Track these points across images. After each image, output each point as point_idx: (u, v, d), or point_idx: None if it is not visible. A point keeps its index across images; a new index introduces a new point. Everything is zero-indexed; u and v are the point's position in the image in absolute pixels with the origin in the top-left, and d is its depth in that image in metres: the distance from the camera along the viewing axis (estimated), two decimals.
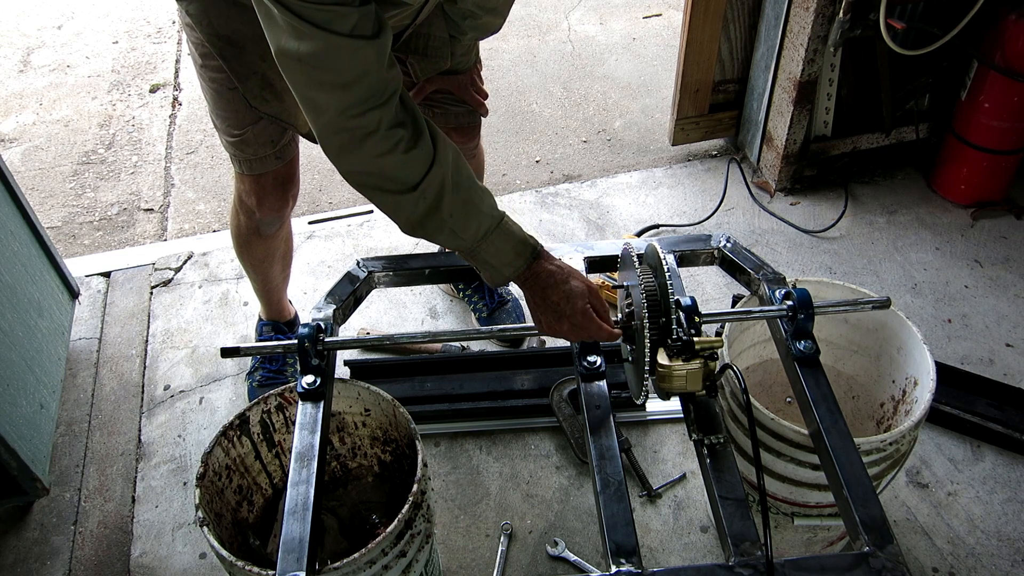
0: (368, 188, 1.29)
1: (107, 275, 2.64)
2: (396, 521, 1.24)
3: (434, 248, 2.66)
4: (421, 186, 1.26)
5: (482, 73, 1.95)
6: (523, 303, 2.45)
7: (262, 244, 1.98)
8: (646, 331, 1.24)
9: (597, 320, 1.37)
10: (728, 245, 1.60)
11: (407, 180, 1.26)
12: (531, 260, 1.37)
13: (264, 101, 1.60)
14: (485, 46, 1.96)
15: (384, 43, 1.18)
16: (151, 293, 2.58)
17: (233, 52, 1.54)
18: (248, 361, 2.29)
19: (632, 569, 1.11)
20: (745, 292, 1.59)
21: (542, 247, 1.40)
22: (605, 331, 1.37)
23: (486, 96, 1.95)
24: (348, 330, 2.40)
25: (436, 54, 1.72)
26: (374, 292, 1.77)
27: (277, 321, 2.26)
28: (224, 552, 1.22)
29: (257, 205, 1.83)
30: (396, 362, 2.25)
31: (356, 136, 1.21)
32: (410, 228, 1.33)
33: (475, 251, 1.35)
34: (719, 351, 1.23)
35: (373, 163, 1.24)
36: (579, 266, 1.61)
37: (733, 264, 1.58)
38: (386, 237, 2.75)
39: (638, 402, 1.38)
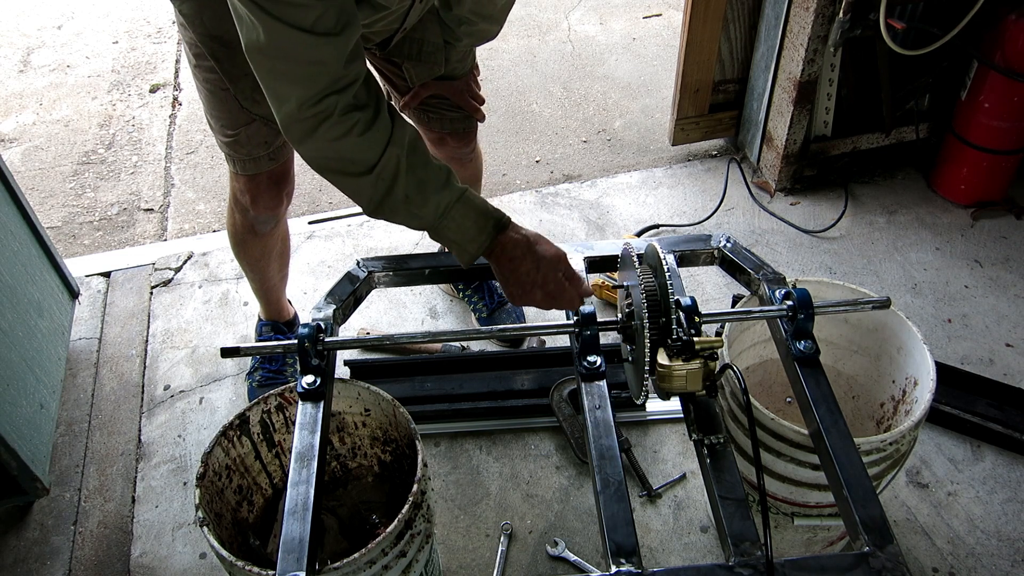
0: (330, 172, 1.32)
1: (107, 275, 2.64)
2: (396, 521, 1.24)
3: (434, 248, 2.66)
4: (377, 168, 1.28)
5: (482, 73, 1.95)
6: None
7: (258, 242, 1.98)
8: (646, 331, 1.24)
9: (569, 287, 1.39)
10: (728, 245, 1.60)
11: (364, 162, 1.28)
12: (495, 233, 1.38)
13: (255, 103, 1.60)
14: (484, 46, 1.96)
15: (346, 40, 1.20)
16: (151, 293, 2.58)
17: (225, 53, 1.54)
18: (248, 361, 2.29)
19: (632, 569, 1.11)
20: (745, 292, 1.59)
21: (508, 218, 1.40)
22: (577, 299, 1.40)
23: (482, 101, 1.95)
24: (348, 330, 2.40)
25: (429, 59, 1.72)
26: (374, 292, 1.77)
27: (276, 321, 2.26)
28: (224, 552, 1.22)
29: (251, 203, 1.83)
30: (396, 362, 2.25)
31: (314, 122, 1.23)
32: (372, 210, 1.36)
33: (438, 229, 1.37)
34: (719, 351, 1.23)
35: (330, 147, 1.26)
36: (579, 266, 1.61)
37: (733, 264, 1.58)
38: (386, 237, 2.75)
39: (638, 402, 1.38)
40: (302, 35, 1.14)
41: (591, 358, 1.40)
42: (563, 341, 2.24)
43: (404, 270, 1.62)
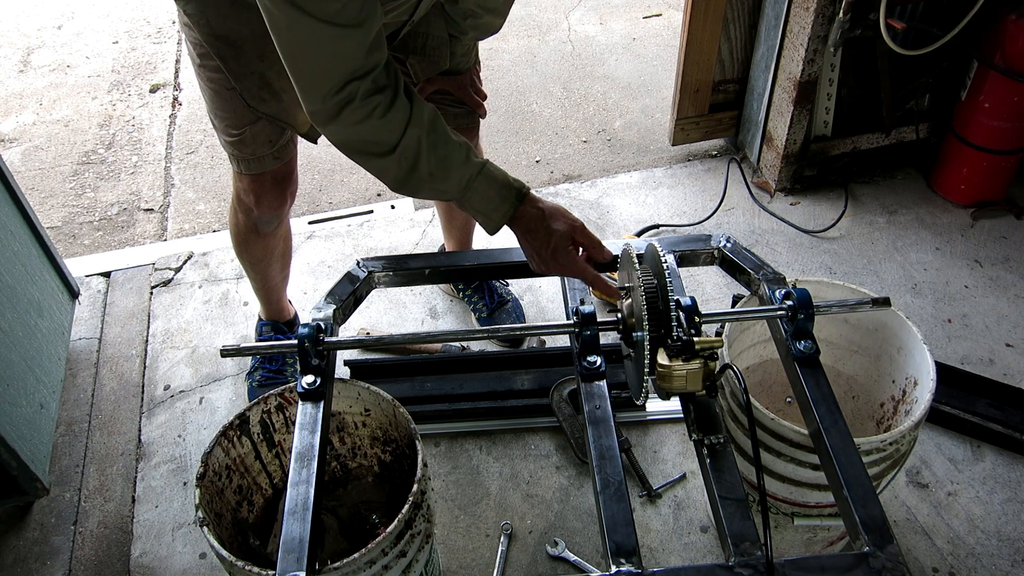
0: (355, 153, 1.37)
1: (107, 275, 2.64)
2: (396, 521, 1.24)
3: (434, 248, 2.66)
4: (399, 148, 1.33)
5: (482, 73, 1.95)
6: (523, 303, 2.46)
7: (260, 242, 1.98)
8: (646, 331, 1.24)
9: (578, 260, 1.46)
10: (728, 245, 1.60)
11: (386, 143, 1.33)
12: (517, 203, 1.43)
13: (262, 101, 1.61)
14: (485, 46, 1.96)
15: (368, 29, 1.23)
16: (151, 293, 2.58)
17: (231, 52, 1.54)
18: (248, 361, 2.29)
19: (632, 569, 1.11)
20: (745, 292, 1.59)
21: (528, 189, 1.46)
22: (589, 271, 1.46)
23: (485, 97, 1.95)
24: (348, 330, 2.40)
25: (434, 54, 1.72)
26: (374, 292, 1.77)
27: (277, 321, 2.26)
28: (224, 552, 1.22)
29: (255, 203, 1.83)
30: (396, 362, 2.25)
31: (336, 108, 1.27)
32: (397, 187, 1.41)
33: (463, 201, 1.43)
34: (719, 351, 1.23)
35: (352, 130, 1.31)
36: None
37: (733, 264, 1.58)
38: (386, 237, 2.75)
39: (638, 402, 1.38)
40: (325, 26, 1.18)
41: (591, 358, 1.40)
42: (563, 341, 2.24)
43: (404, 270, 1.62)
